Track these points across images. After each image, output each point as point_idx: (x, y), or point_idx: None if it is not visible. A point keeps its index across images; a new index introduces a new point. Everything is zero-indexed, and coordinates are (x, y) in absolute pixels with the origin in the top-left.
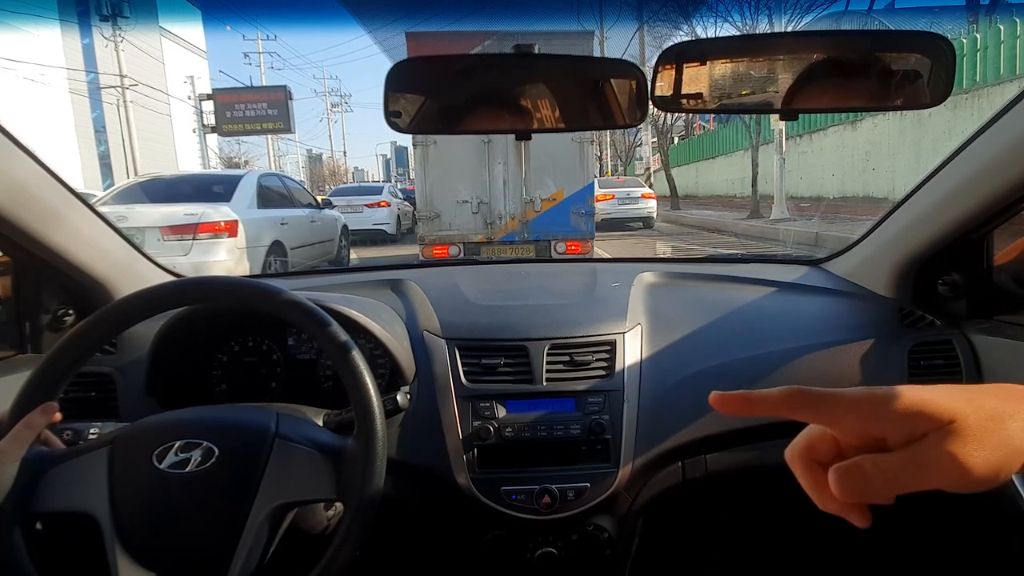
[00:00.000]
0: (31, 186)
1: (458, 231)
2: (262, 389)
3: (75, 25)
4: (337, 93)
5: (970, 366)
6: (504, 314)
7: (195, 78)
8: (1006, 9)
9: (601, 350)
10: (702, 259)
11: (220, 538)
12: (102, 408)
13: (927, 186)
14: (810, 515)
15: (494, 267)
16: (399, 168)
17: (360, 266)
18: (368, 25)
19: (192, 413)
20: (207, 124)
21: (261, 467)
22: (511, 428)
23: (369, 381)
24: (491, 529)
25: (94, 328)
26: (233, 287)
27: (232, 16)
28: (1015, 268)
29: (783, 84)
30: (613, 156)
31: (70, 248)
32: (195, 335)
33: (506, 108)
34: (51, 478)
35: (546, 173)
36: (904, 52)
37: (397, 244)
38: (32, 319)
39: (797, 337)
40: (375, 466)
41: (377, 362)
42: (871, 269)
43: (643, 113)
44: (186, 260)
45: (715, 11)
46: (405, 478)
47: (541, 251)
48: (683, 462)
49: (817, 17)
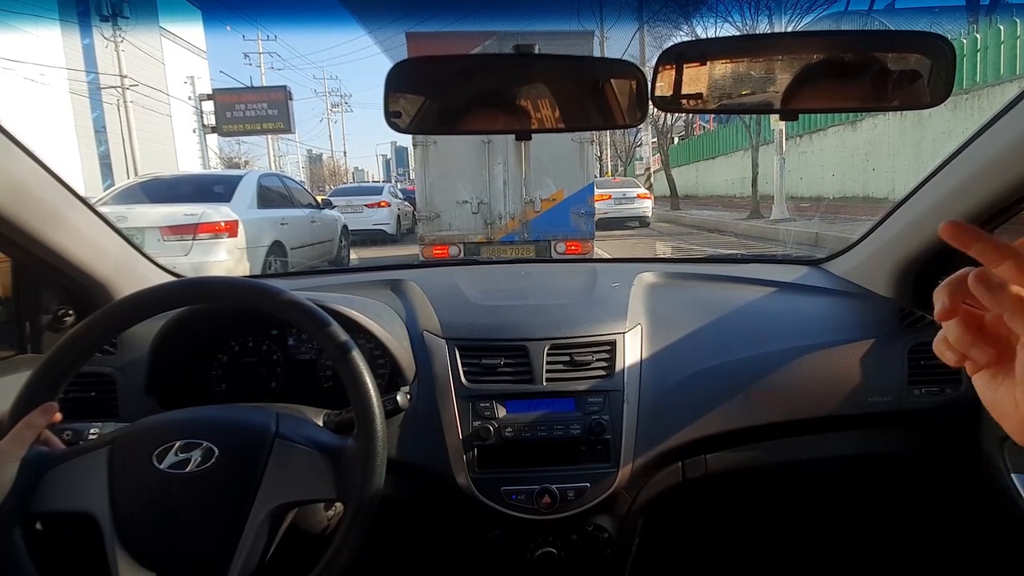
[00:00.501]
0: (31, 186)
1: (458, 231)
2: (262, 389)
3: (75, 25)
4: (337, 93)
5: None
6: (504, 314)
7: (195, 78)
8: (1006, 9)
9: (601, 350)
10: (702, 259)
11: (220, 538)
12: (102, 408)
13: (927, 186)
14: (810, 515)
15: (494, 267)
16: (399, 168)
17: (360, 266)
18: (368, 25)
19: (192, 413)
20: (207, 124)
21: (261, 467)
22: (511, 428)
23: (369, 381)
24: (491, 529)
25: (94, 328)
26: (233, 287)
27: (232, 16)
28: None
29: (783, 84)
30: (613, 156)
31: (70, 248)
32: (195, 335)
33: (506, 108)
34: (51, 478)
35: (546, 173)
36: (904, 52)
37: (397, 244)
38: (32, 319)
39: (797, 337)
40: (375, 466)
41: (377, 362)
42: (871, 269)
43: (643, 113)
44: (186, 260)
45: (715, 11)
46: (405, 478)
47: (541, 251)
48: (683, 462)
49: (817, 17)
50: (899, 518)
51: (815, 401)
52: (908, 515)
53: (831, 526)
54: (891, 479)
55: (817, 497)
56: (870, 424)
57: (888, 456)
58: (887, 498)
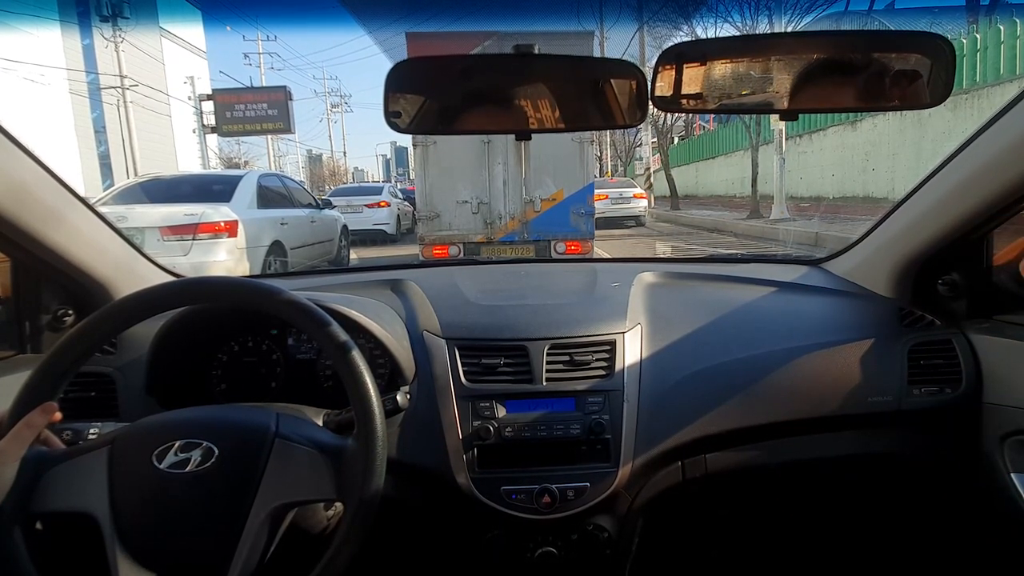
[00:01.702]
0: (31, 186)
1: (458, 231)
2: (262, 389)
3: (75, 25)
4: (337, 93)
5: (970, 366)
6: (504, 314)
7: (195, 78)
8: (1006, 9)
9: (601, 350)
10: (702, 259)
11: (220, 538)
12: (102, 408)
13: (927, 186)
14: (809, 515)
15: (494, 267)
16: (399, 168)
17: (360, 266)
18: (368, 25)
19: (192, 413)
20: (207, 124)
21: (261, 467)
22: (511, 428)
23: (369, 381)
24: (491, 529)
25: (94, 328)
26: (232, 287)
27: (232, 16)
28: (1015, 268)
29: (783, 84)
30: (613, 156)
31: (70, 248)
32: (195, 335)
33: (506, 108)
34: (51, 478)
35: (546, 173)
36: (904, 52)
37: (397, 244)
38: (32, 319)
39: (797, 337)
40: (375, 466)
41: (377, 362)
42: (871, 269)
43: (643, 113)
44: (186, 260)
45: (715, 11)
46: (405, 478)
47: (541, 251)
48: (683, 462)
49: (817, 17)
50: (899, 518)
51: (815, 401)
52: (908, 515)
53: (831, 526)
54: (891, 479)
55: (817, 497)
56: (870, 424)
57: (888, 456)
58: (887, 498)
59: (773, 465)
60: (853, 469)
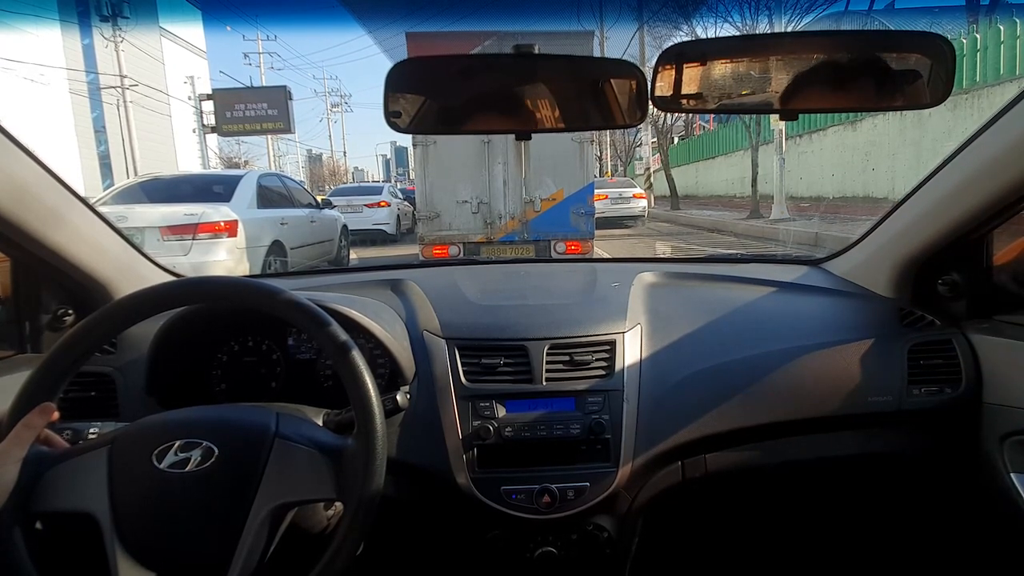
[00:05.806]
0: (31, 186)
1: (458, 231)
2: (262, 389)
3: (75, 25)
4: (337, 93)
5: (969, 366)
6: (504, 314)
7: (195, 78)
8: (1006, 9)
9: (601, 350)
10: (702, 259)
11: (220, 538)
12: (102, 408)
13: (927, 186)
14: (809, 514)
15: (494, 267)
16: (399, 168)
17: (360, 266)
18: (368, 25)
19: (192, 413)
20: (207, 124)
21: (261, 467)
22: (511, 428)
23: (369, 381)
24: (491, 529)
25: (94, 328)
26: (233, 287)
27: (232, 16)
28: (1015, 268)
29: (783, 84)
30: (613, 156)
31: (70, 248)
32: (195, 335)
33: (506, 108)
34: (51, 478)
35: (546, 173)
36: (904, 52)
37: (397, 244)
38: (32, 319)
39: (797, 337)
40: (375, 466)
41: (377, 362)
42: (871, 269)
43: (643, 113)
44: (186, 260)
45: (715, 11)
46: (405, 478)
47: (541, 251)
48: (683, 462)
49: (817, 17)
50: (899, 518)
51: (815, 401)
52: (908, 515)
53: (831, 526)
54: (891, 479)
55: (817, 497)
56: (870, 424)
57: (888, 456)
58: (887, 498)
59: (773, 465)
60: (853, 469)
